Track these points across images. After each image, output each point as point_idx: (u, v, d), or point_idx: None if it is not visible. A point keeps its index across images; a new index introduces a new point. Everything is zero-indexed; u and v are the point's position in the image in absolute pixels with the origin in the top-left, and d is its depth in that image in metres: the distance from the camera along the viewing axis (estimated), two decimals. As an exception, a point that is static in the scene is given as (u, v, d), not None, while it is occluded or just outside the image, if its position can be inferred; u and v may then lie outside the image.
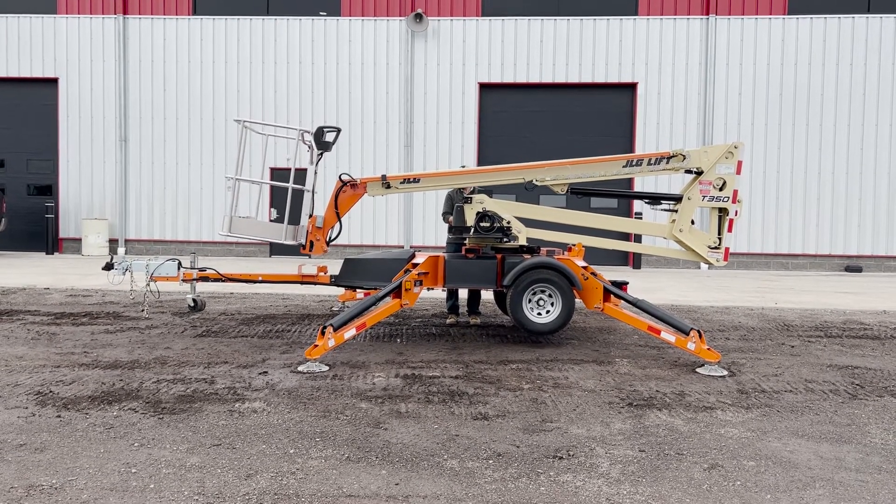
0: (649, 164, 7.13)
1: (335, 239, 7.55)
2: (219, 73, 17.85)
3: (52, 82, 18.14)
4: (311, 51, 17.68)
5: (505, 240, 7.12)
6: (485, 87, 17.53)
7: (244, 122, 7.45)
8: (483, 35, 17.35)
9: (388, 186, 7.30)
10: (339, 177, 7.41)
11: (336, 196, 7.34)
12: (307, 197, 7.42)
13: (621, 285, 7.20)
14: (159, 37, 17.93)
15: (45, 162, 18.43)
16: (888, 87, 16.68)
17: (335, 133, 7.57)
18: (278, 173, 16.34)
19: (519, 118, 17.57)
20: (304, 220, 7.39)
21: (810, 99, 16.83)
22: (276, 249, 17.44)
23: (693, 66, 17.01)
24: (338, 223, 7.39)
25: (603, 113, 17.51)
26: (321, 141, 7.40)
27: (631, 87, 17.26)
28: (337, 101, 17.65)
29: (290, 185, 7.33)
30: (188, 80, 17.91)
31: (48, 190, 18.45)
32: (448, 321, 8.43)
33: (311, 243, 7.28)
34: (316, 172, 7.55)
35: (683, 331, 6.25)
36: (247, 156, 7.65)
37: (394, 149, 17.55)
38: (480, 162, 17.28)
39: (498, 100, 17.61)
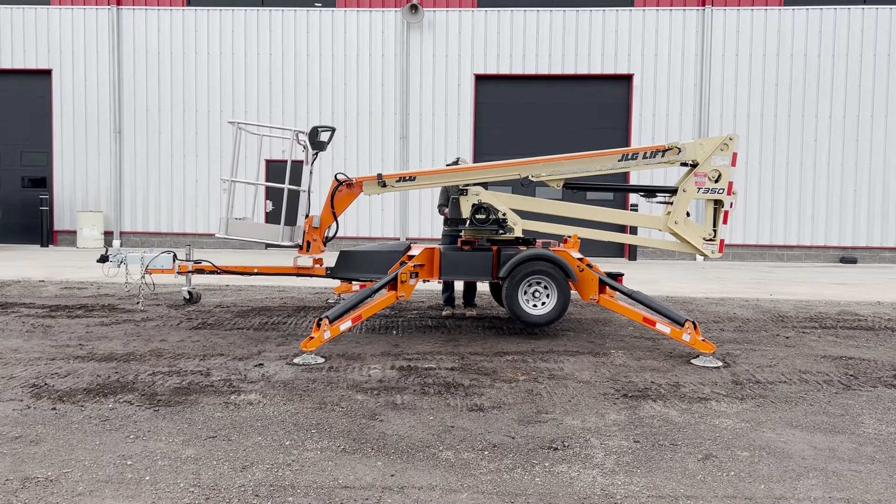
0: (645, 157, 7.13)
1: (332, 238, 7.57)
2: (213, 63, 17.77)
3: (46, 74, 18.04)
4: (307, 42, 17.61)
5: (500, 232, 7.12)
6: (481, 79, 17.49)
7: (238, 123, 7.46)
8: (479, 26, 17.30)
9: (384, 185, 7.31)
10: (335, 176, 7.41)
11: (332, 196, 7.35)
12: (303, 197, 7.44)
13: (616, 277, 7.21)
14: (153, 27, 17.83)
15: (40, 154, 18.34)
16: (883, 79, 16.70)
17: (330, 132, 7.58)
18: (273, 165, 16.33)
19: (515, 110, 17.54)
20: (301, 220, 7.41)
21: (805, 90, 16.83)
22: (272, 242, 17.41)
23: (689, 57, 16.99)
24: (334, 222, 7.41)
25: (599, 104, 17.49)
26: (316, 141, 7.41)
27: (627, 79, 17.24)
28: (332, 92, 17.59)
29: (286, 185, 7.33)
30: (182, 70, 17.83)
31: (42, 182, 18.38)
32: (444, 313, 8.43)
33: (308, 243, 7.30)
34: (311, 172, 7.55)
35: (678, 322, 6.26)
36: (242, 149, 7.64)
37: (389, 141, 17.52)
38: (476, 153, 17.26)
39: (494, 91, 17.57)
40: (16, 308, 8.50)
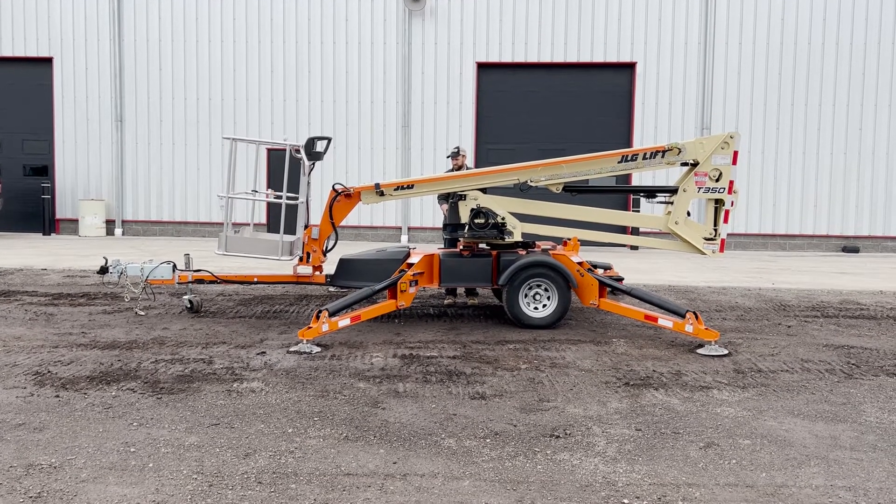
0: (645, 158, 7.08)
1: (332, 249, 7.57)
2: (214, 51, 17.69)
3: (47, 62, 17.97)
4: (308, 28, 17.51)
5: (499, 237, 7.09)
6: (483, 67, 17.40)
7: (234, 138, 7.42)
8: (481, 14, 17.19)
9: (382, 194, 7.34)
10: (333, 187, 7.41)
11: (330, 206, 7.35)
12: (301, 208, 7.42)
13: (616, 280, 7.24)
14: (154, 15, 17.73)
15: (41, 142, 18.30)
16: (887, 66, 16.58)
17: (326, 142, 7.56)
18: (274, 154, 16.30)
19: (517, 98, 17.46)
20: (300, 231, 7.39)
21: (809, 78, 16.73)
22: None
23: (692, 45, 16.89)
24: (333, 233, 7.41)
25: (602, 92, 17.40)
26: (312, 152, 7.39)
27: (630, 67, 17.14)
28: (334, 80, 17.51)
29: (284, 199, 7.32)
30: (184, 58, 17.75)
31: (44, 171, 18.34)
32: (446, 302, 8.45)
33: (308, 255, 7.31)
34: (309, 183, 7.51)
35: (679, 314, 6.28)
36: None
37: (391, 129, 17.46)
38: (478, 141, 17.22)
39: (496, 79, 17.48)
40: (18, 296, 8.52)
